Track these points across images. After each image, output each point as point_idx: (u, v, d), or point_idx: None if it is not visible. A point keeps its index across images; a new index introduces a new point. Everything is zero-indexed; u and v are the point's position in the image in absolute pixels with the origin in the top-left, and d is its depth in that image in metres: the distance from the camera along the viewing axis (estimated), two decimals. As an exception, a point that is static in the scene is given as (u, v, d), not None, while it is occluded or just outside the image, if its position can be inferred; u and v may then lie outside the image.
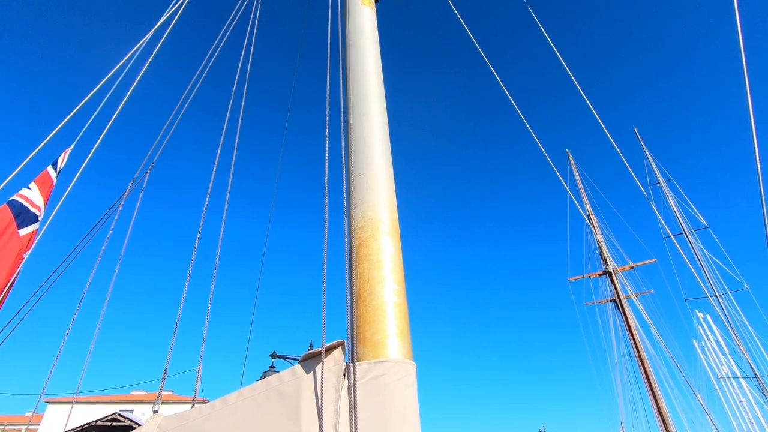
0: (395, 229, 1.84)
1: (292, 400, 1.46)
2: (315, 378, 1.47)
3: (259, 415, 1.50)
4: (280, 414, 1.46)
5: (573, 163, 22.97)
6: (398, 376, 1.42)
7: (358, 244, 1.79)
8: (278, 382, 1.56)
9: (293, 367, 1.60)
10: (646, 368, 16.71)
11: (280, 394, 1.51)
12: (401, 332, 1.56)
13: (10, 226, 3.32)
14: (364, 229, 1.81)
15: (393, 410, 1.37)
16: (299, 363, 1.58)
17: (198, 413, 1.64)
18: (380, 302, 1.60)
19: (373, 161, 2.00)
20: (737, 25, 2.64)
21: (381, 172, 1.97)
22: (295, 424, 1.40)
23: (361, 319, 1.59)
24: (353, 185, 1.96)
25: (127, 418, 18.00)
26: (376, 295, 1.62)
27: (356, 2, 2.76)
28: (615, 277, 19.07)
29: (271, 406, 1.49)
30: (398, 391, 1.40)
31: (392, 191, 1.96)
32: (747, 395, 26.24)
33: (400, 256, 1.79)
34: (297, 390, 1.48)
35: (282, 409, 1.47)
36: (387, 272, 1.68)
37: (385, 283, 1.65)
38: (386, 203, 1.89)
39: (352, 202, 1.93)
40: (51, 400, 24.93)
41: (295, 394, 1.47)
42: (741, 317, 23.96)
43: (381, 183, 1.94)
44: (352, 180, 1.98)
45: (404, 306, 1.65)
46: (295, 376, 1.54)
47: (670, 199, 25.11)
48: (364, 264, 1.72)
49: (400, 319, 1.59)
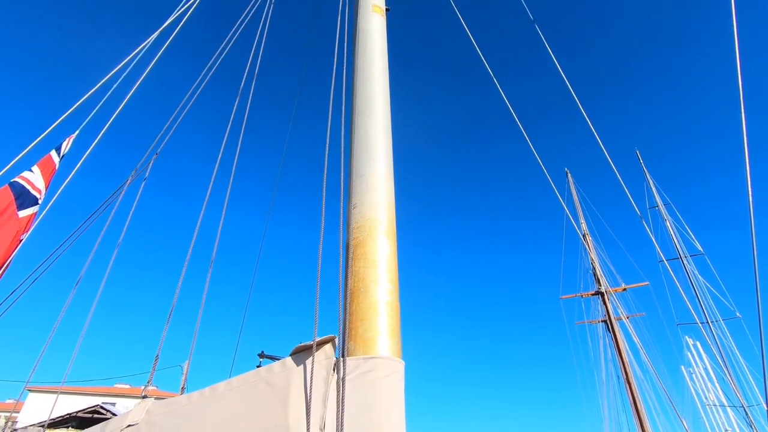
0: (392, 230, 1.88)
1: (281, 391, 1.49)
2: (305, 370, 1.50)
3: (248, 404, 1.52)
4: (268, 404, 1.48)
5: (571, 181, 23.13)
6: (387, 373, 1.45)
7: (355, 243, 1.82)
8: (268, 373, 1.59)
9: (284, 359, 1.63)
10: (634, 391, 16.67)
11: (269, 385, 1.53)
12: (392, 331, 1.59)
13: (9, 207, 3.34)
14: (361, 229, 1.85)
15: (380, 405, 1.39)
16: (290, 355, 1.61)
17: (187, 400, 1.66)
18: (373, 300, 1.64)
19: (375, 163, 2.05)
20: (736, 57, 2.72)
21: (382, 174, 2.02)
22: (282, 415, 1.43)
23: (354, 315, 1.62)
24: (354, 185, 2.00)
25: (108, 411, 17.78)
26: (370, 294, 1.65)
27: (367, 9, 2.83)
28: (607, 298, 19.12)
29: (260, 396, 1.52)
30: (386, 387, 1.43)
31: (392, 194, 2.01)
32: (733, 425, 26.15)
33: (396, 257, 1.83)
34: (286, 381, 1.51)
35: (270, 400, 1.49)
36: (382, 272, 1.72)
37: (379, 282, 1.68)
38: (385, 205, 1.93)
39: (351, 202, 1.97)
40: (33, 388, 24.61)
41: (284, 386, 1.50)
42: (732, 345, 23.98)
43: (381, 185, 1.98)
44: (352, 180, 2.03)
45: (396, 305, 1.68)
46: (285, 367, 1.56)
47: (667, 222, 25.27)
48: (359, 263, 1.76)
49: (392, 318, 1.63)
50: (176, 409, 1.64)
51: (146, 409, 1.69)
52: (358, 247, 1.81)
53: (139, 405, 1.72)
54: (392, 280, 1.73)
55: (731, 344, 24.70)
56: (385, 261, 1.76)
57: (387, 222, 1.90)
